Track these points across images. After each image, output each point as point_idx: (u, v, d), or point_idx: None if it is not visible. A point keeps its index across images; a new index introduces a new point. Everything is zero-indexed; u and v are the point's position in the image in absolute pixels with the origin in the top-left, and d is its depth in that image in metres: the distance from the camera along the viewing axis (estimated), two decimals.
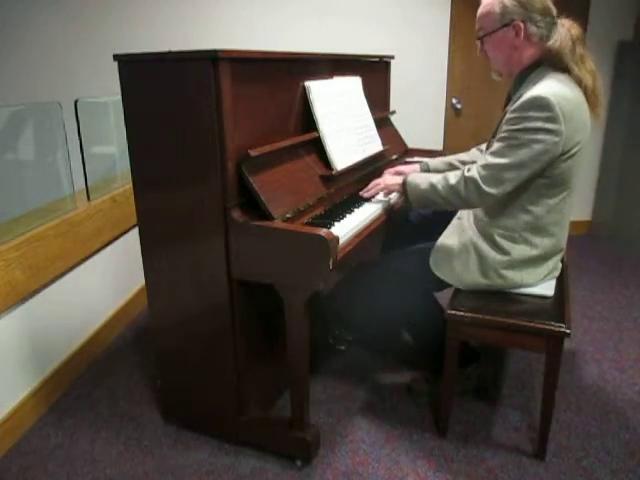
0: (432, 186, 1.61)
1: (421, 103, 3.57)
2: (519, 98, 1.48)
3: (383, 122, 2.44)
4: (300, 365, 1.56)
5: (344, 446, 1.75)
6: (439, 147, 3.60)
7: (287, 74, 1.68)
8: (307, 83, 1.77)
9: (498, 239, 1.62)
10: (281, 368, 1.78)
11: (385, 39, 3.44)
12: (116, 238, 2.52)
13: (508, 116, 1.49)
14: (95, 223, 2.29)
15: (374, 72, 2.44)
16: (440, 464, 1.67)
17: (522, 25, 1.50)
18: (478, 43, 1.61)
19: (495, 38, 1.55)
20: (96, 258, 2.35)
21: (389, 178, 1.83)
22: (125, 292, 2.67)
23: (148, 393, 2.06)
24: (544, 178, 1.52)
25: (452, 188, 1.56)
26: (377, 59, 2.49)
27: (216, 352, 1.64)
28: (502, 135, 1.49)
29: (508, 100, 1.64)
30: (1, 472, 1.67)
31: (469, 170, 1.54)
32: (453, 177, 1.57)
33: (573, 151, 1.49)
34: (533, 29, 1.51)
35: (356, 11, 3.42)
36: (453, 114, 3.66)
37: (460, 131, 3.67)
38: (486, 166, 1.50)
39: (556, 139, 1.43)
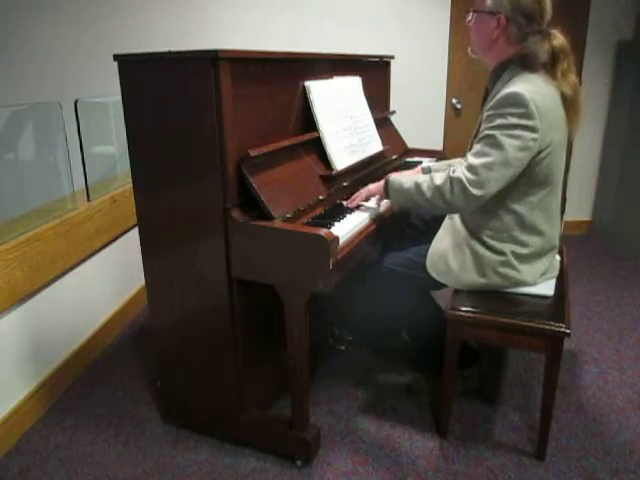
0: (417, 186, 1.58)
1: (421, 103, 3.57)
2: (494, 96, 1.49)
3: (383, 122, 2.44)
4: (300, 365, 1.56)
5: (344, 446, 1.75)
6: (439, 147, 3.61)
7: (287, 74, 1.68)
8: (307, 83, 1.77)
9: (488, 240, 1.62)
10: (281, 368, 1.77)
11: (385, 39, 3.44)
12: (116, 238, 2.52)
13: (485, 114, 1.50)
14: (95, 223, 2.29)
15: (374, 72, 2.44)
16: (440, 464, 1.67)
17: (504, 21, 1.51)
18: (469, 15, 1.61)
19: (479, 20, 1.57)
20: (96, 258, 2.35)
21: (371, 184, 1.80)
22: (125, 292, 2.67)
23: (148, 393, 2.06)
24: (524, 177, 1.52)
25: (438, 189, 1.53)
26: (377, 59, 2.50)
27: (216, 352, 1.64)
28: (481, 135, 1.50)
29: (485, 97, 1.65)
30: (1, 472, 1.67)
31: (454, 171, 1.52)
32: (439, 178, 1.55)
33: (549, 149, 1.49)
34: (513, 30, 1.51)
35: (356, 11, 3.42)
36: (453, 114, 3.66)
37: (460, 131, 3.66)
38: (470, 168, 1.49)
39: (534, 135, 1.44)
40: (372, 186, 1.78)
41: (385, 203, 1.81)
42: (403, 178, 1.65)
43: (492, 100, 1.49)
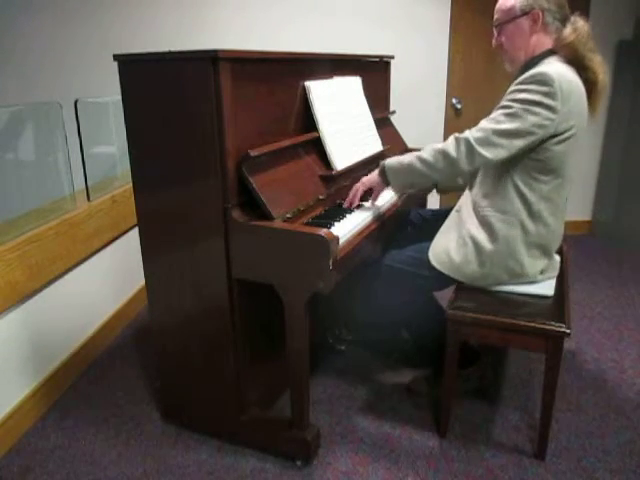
0: (416, 157, 1.61)
1: (421, 103, 3.57)
2: None
3: (383, 122, 2.44)
4: (300, 365, 1.56)
5: (344, 446, 1.75)
6: None
7: (287, 74, 1.68)
8: (307, 83, 1.77)
9: (496, 224, 1.61)
10: (281, 368, 1.77)
11: (385, 39, 3.44)
12: (116, 238, 2.52)
13: (510, 89, 1.52)
14: (95, 223, 2.29)
15: (374, 72, 2.44)
16: (440, 464, 1.67)
17: (540, 14, 1.54)
18: (495, 32, 1.65)
19: (512, 26, 1.59)
20: (96, 258, 2.35)
21: (364, 177, 1.79)
22: (125, 292, 2.67)
23: (148, 393, 2.06)
24: (536, 161, 1.53)
25: (441, 151, 1.56)
26: (377, 59, 2.49)
27: (216, 352, 1.64)
28: (500, 105, 1.52)
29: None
30: (1, 472, 1.67)
31: (461, 133, 1.56)
32: (440, 144, 1.59)
33: (566, 135, 1.50)
34: (550, 19, 1.56)
35: (356, 11, 3.42)
36: (453, 114, 3.66)
37: (460, 131, 3.66)
38: (480, 129, 1.53)
39: (552, 116, 1.45)
40: (365, 179, 1.77)
41: (388, 201, 1.81)
42: (399, 157, 1.68)
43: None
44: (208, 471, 1.66)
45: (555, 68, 1.48)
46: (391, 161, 1.69)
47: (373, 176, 1.75)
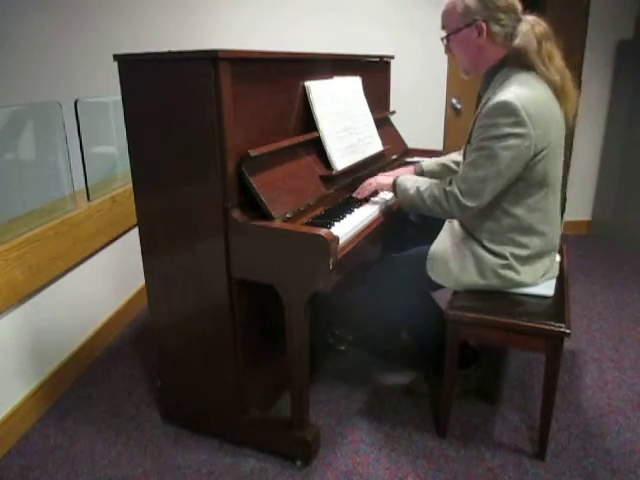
0: (419, 193, 1.63)
1: (421, 103, 3.56)
2: (486, 102, 1.49)
3: (383, 122, 2.44)
4: (300, 365, 1.56)
5: (344, 446, 1.75)
6: (439, 147, 3.60)
7: (287, 74, 1.68)
8: (307, 83, 1.77)
9: (486, 243, 1.62)
10: (281, 368, 1.77)
11: (385, 39, 3.43)
12: (116, 238, 2.52)
13: (478, 123, 1.50)
14: (95, 223, 2.29)
15: (374, 72, 2.44)
16: (440, 464, 1.67)
17: (484, 25, 1.49)
18: (444, 42, 1.60)
19: (459, 38, 1.54)
20: (96, 258, 2.35)
21: (381, 177, 1.85)
22: (125, 292, 2.67)
23: (148, 393, 2.06)
24: (520, 180, 1.52)
25: (435, 199, 1.58)
26: (377, 59, 2.49)
27: (216, 352, 1.64)
28: (475, 145, 1.50)
29: (479, 100, 1.64)
30: (1, 472, 1.67)
31: (450, 183, 1.55)
32: (437, 188, 1.58)
33: (545, 152, 1.48)
34: (497, 28, 1.49)
35: (356, 11, 3.41)
36: (453, 114, 3.66)
37: (460, 131, 3.66)
38: (465, 180, 1.51)
39: (526, 142, 1.43)
40: (382, 180, 1.82)
41: (388, 201, 1.83)
42: (408, 182, 1.68)
43: (484, 107, 1.48)
44: (208, 471, 1.66)
45: (516, 92, 1.42)
46: (400, 182, 1.70)
47: (389, 182, 1.77)
